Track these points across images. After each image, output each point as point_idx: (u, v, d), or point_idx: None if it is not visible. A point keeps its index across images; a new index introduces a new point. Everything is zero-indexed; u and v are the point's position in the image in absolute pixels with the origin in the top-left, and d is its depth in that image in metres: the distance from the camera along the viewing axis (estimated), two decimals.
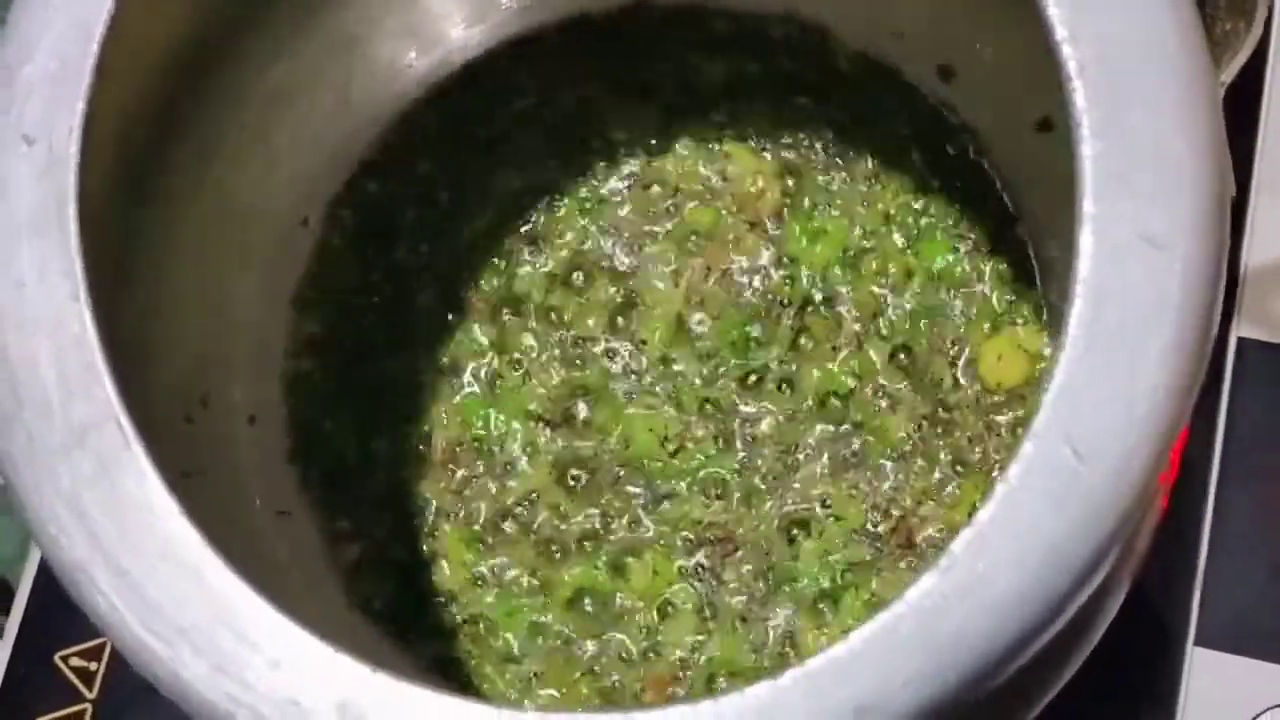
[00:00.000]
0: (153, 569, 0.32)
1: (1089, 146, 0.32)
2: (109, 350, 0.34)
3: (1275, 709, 0.52)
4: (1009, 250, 0.48)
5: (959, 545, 0.31)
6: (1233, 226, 0.34)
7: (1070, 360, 0.31)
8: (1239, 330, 0.56)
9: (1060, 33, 0.33)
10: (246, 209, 0.46)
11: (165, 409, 0.41)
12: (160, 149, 0.41)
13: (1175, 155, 0.32)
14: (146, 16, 0.37)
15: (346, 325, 0.50)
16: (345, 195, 0.50)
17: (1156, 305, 0.32)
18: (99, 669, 0.57)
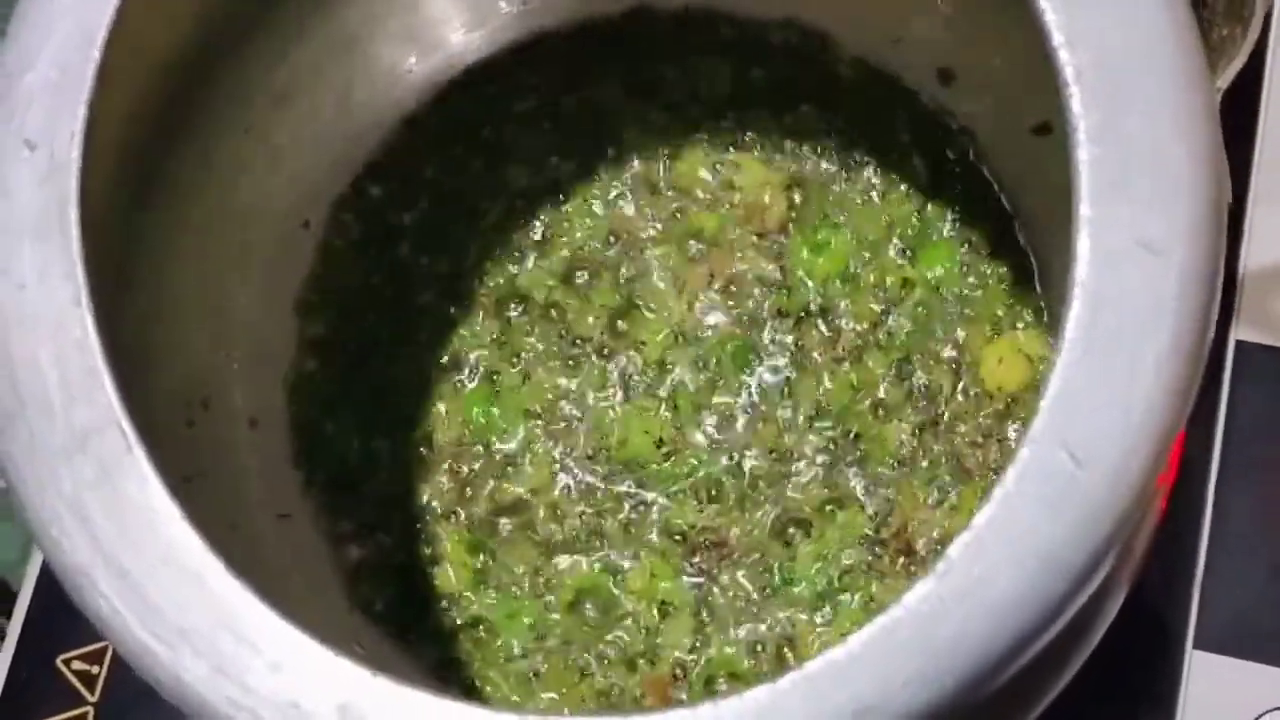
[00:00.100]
0: (154, 572, 0.33)
1: (1086, 151, 0.32)
2: (110, 354, 0.34)
3: (1275, 711, 0.52)
4: (1009, 254, 0.48)
5: (956, 549, 0.31)
6: (1230, 230, 0.34)
7: (1067, 365, 0.32)
8: (1237, 333, 0.56)
9: (1057, 38, 0.33)
10: (248, 212, 0.46)
11: (167, 413, 0.41)
12: (162, 153, 0.41)
13: (1172, 161, 0.32)
14: (148, 22, 0.37)
15: (349, 327, 0.50)
16: (348, 198, 0.50)
17: (1153, 310, 0.32)
18: (101, 672, 0.57)
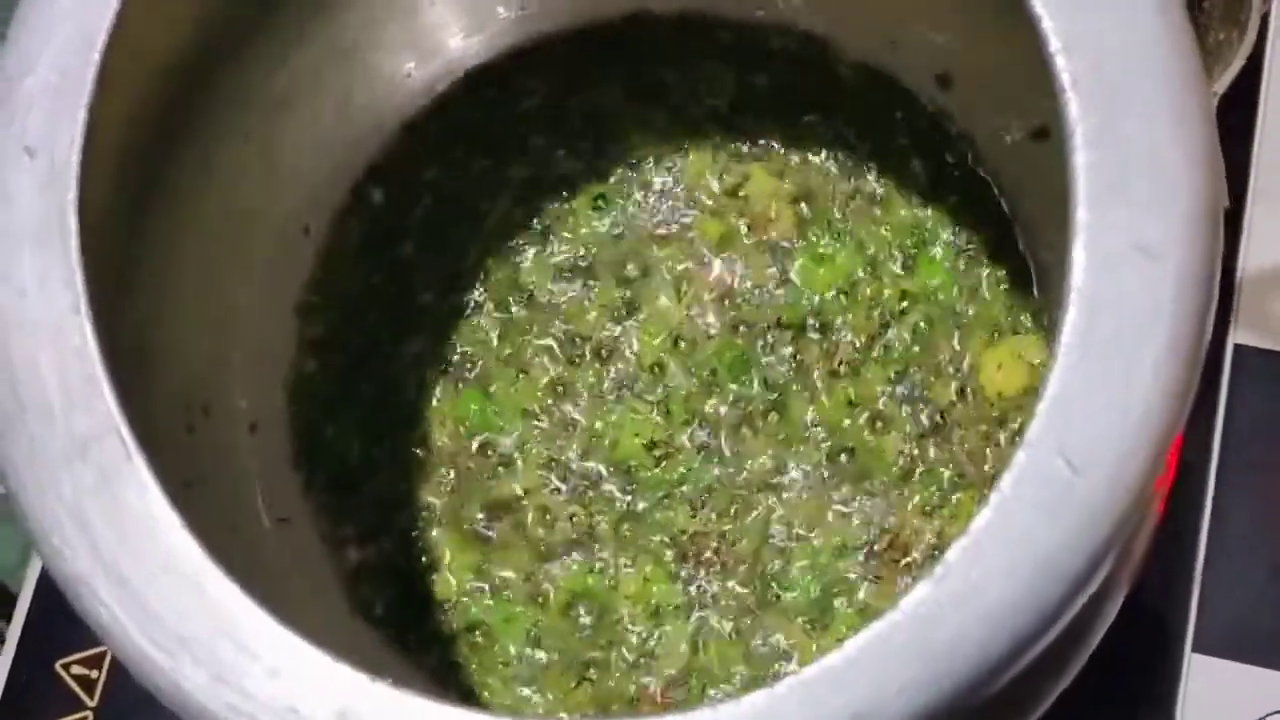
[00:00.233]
0: (153, 580, 0.33)
1: (1083, 156, 0.32)
2: (110, 361, 0.34)
3: (1274, 715, 0.52)
4: (1008, 258, 0.48)
5: (953, 554, 0.31)
6: (1228, 234, 0.34)
7: (1064, 369, 0.32)
8: (1236, 337, 0.56)
9: (1055, 43, 0.33)
10: (248, 216, 0.46)
11: (167, 418, 0.41)
12: (162, 157, 0.41)
13: (1169, 165, 0.32)
14: (148, 25, 0.37)
15: (349, 328, 0.50)
16: (348, 202, 0.50)
17: (1150, 314, 0.32)
18: (100, 677, 0.57)
